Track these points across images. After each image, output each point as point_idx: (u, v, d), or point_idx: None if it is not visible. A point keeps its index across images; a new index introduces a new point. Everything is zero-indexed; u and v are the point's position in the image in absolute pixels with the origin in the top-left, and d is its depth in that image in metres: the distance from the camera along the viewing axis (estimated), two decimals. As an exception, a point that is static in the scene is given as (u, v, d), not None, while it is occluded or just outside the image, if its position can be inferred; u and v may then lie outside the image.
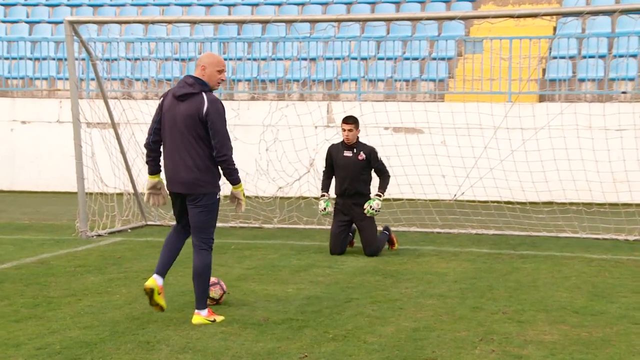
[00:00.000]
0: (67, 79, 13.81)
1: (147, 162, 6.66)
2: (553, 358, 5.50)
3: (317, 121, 14.64)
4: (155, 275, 6.38)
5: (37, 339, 5.88)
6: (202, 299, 6.41)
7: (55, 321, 6.40)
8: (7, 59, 18.01)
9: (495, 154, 12.68)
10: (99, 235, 10.98)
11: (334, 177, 9.80)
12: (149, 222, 12.12)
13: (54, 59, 18.02)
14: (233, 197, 6.58)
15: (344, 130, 9.63)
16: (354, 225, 9.73)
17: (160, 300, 6.35)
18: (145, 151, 6.64)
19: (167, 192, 6.69)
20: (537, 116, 13.52)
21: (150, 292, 6.28)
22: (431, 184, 12.70)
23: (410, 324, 6.37)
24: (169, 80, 16.93)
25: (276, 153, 12.92)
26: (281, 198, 12.68)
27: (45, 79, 17.93)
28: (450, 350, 5.68)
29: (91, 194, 11.52)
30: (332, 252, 9.54)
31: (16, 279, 8.04)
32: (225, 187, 6.62)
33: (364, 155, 9.58)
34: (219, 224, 11.72)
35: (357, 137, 9.72)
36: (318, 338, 5.97)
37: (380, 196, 9.53)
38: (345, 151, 9.64)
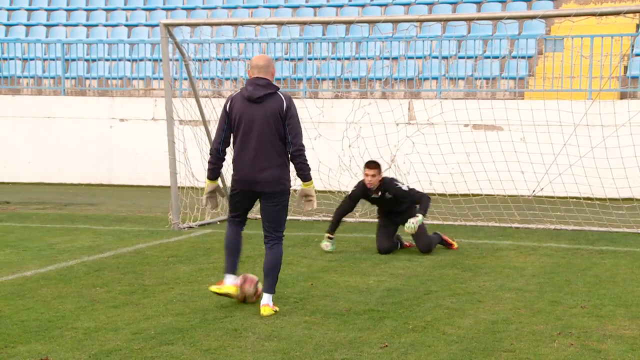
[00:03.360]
0: (161, 78, 14.14)
1: (210, 169, 6.65)
2: (633, 353, 5.35)
3: (398, 119, 14.56)
4: (229, 279, 6.55)
5: (133, 324, 6.03)
6: (272, 288, 6.45)
7: (150, 308, 6.55)
8: (107, 60, 18.49)
9: (574, 151, 12.39)
10: (190, 227, 11.18)
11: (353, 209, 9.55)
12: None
13: (150, 60, 18.41)
14: (304, 195, 6.54)
15: (366, 175, 9.07)
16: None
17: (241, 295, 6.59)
18: (209, 156, 6.64)
19: (222, 195, 6.80)
20: (618, 113, 13.15)
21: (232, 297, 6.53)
22: (510, 180, 12.50)
23: (488, 317, 6.29)
24: (257, 79, 17.05)
25: (359, 149, 12.91)
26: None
27: (142, 79, 18.33)
28: (528, 343, 5.59)
29: (183, 188, 11.73)
30: (380, 251, 9.14)
31: (114, 267, 8.26)
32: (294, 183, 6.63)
33: (390, 195, 9.12)
34: (303, 217, 11.86)
35: (380, 179, 9.11)
36: (398, 329, 5.95)
37: (418, 216, 8.94)
38: (371, 193, 9.18)
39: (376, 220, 9.64)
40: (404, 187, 9.14)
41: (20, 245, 9.52)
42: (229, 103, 6.46)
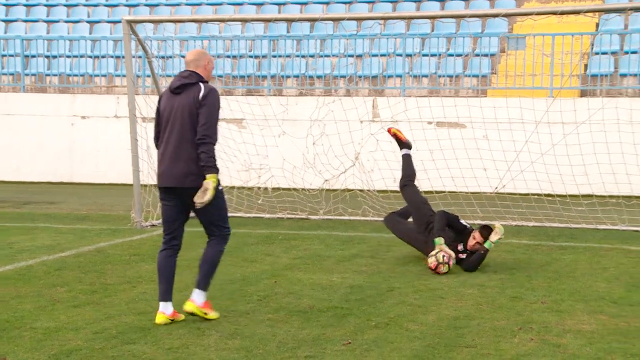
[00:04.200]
0: (124, 75, 14.00)
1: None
2: (591, 347, 5.44)
3: (362, 116, 14.59)
4: (162, 305, 6.02)
5: (95, 324, 5.98)
6: (204, 284, 6.03)
7: (112, 307, 6.50)
8: (68, 56, 18.29)
9: (536, 148, 12.54)
10: (153, 226, 11.11)
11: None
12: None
13: (112, 57, 18.25)
14: (204, 189, 5.86)
15: (474, 237, 8.15)
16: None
17: (179, 318, 6.04)
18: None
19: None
20: (578, 111, 13.32)
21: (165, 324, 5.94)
22: (473, 176, 12.61)
23: (450, 313, 6.34)
24: (220, 76, 17.04)
25: (323, 147, 12.94)
26: (327, 190, 12.70)
27: (104, 75, 18.17)
28: (489, 338, 5.65)
29: (146, 185, 11.65)
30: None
31: (75, 266, 8.18)
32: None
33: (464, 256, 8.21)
34: (267, 215, 11.86)
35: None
36: (361, 325, 5.98)
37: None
38: (460, 254, 8.14)
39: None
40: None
41: (-21, 245, 9.39)
42: (160, 98, 6.25)
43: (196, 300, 6.02)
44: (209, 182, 5.88)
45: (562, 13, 10.87)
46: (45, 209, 12.94)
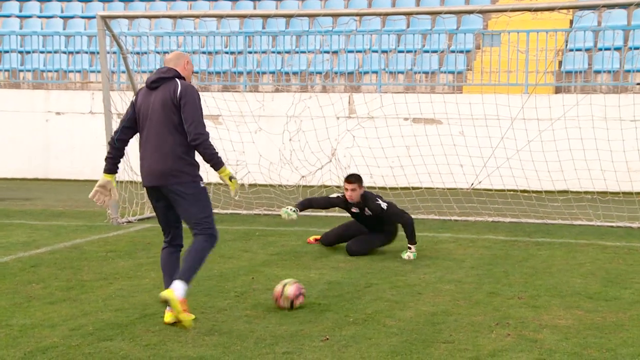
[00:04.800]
0: (99, 71, 13.90)
1: (105, 159, 6.08)
2: (567, 342, 5.47)
3: (339, 112, 14.62)
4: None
5: (71, 320, 5.93)
6: (186, 276, 5.71)
7: (88, 303, 6.45)
8: (42, 52, 18.12)
9: (512, 144, 12.61)
10: (129, 222, 11.05)
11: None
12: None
13: (86, 53, 18.11)
14: (224, 184, 5.95)
15: (346, 189, 8.62)
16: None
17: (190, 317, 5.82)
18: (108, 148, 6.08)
19: (116, 195, 6.28)
20: (553, 107, 13.42)
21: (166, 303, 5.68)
22: (449, 173, 12.67)
23: (428, 309, 6.35)
24: (196, 72, 16.96)
25: (299, 143, 12.93)
26: (304, 186, 12.69)
27: (79, 71, 18.03)
28: (467, 334, 5.67)
29: (122, 182, 11.58)
30: (323, 242, 9.11)
31: (51, 263, 8.11)
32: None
33: (370, 212, 8.68)
34: (244, 212, 11.83)
35: (362, 194, 8.66)
36: (339, 321, 5.97)
37: (410, 248, 8.49)
38: (352, 207, 8.78)
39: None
40: (383, 205, 8.55)
41: (-47, 242, 9.28)
42: (135, 95, 6.06)
43: (175, 290, 5.60)
44: (223, 176, 5.86)
45: (537, 10, 10.92)
46: (20, 206, 12.81)
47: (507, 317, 6.09)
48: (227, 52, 17.56)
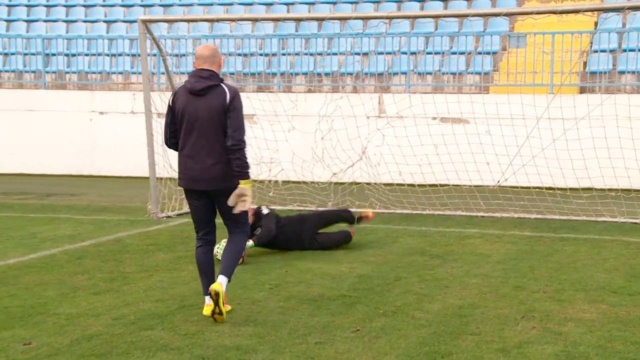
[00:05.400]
0: (140, 73, 13.97)
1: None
2: (592, 335, 5.42)
3: (369, 112, 14.58)
4: (208, 299, 5.82)
5: (114, 310, 5.99)
6: (228, 271, 5.80)
7: (130, 294, 6.51)
8: (87, 55, 18.29)
9: (537, 143, 12.49)
10: (169, 217, 11.12)
11: None
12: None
13: (128, 55, 18.25)
14: (239, 194, 5.70)
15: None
16: None
17: (227, 309, 5.88)
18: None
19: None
20: (578, 107, 13.26)
21: (216, 297, 5.61)
22: (476, 170, 12.58)
23: (455, 302, 6.32)
24: (231, 73, 17.02)
25: (331, 141, 12.92)
26: (335, 183, 12.68)
27: (121, 73, 18.17)
28: (493, 326, 5.63)
29: (161, 178, 11.66)
30: None
31: (95, 255, 8.20)
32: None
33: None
34: (277, 207, 11.85)
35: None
36: (369, 313, 5.97)
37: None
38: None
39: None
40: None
41: (4, 234, 9.41)
42: (172, 97, 5.85)
43: (223, 283, 5.71)
44: (246, 187, 5.71)
45: (562, 12, 10.81)
46: (67, 201, 12.96)
47: (533, 310, 6.04)
48: (261, 54, 17.60)
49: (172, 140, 5.91)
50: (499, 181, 12.54)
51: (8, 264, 7.72)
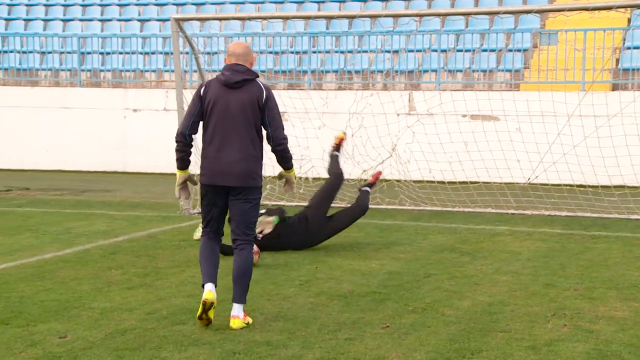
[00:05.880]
0: (172, 71, 14.08)
1: (179, 157, 5.69)
2: (624, 333, 5.34)
3: (399, 109, 14.52)
4: (210, 286, 5.50)
5: (147, 305, 6.03)
6: (244, 297, 5.57)
7: (162, 289, 6.55)
8: (121, 53, 18.46)
9: (568, 140, 12.35)
10: (200, 213, 11.15)
11: None
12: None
13: (161, 53, 18.37)
14: (285, 180, 5.88)
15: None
16: None
17: (212, 314, 5.48)
18: (176, 143, 5.63)
19: (194, 183, 5.90)
20: (610, 104, 13.09)
21: (209, 306, 5.40)
22: (506, 168, 12.47)
23: (485, 299, 6.28)
24: (263, 71, 17.05)
25: (361, 139, 12.89)
26: (365, 180, 12.64)
27: (154, 71, 18.30)
28: (523, 323, 5.58)
29: (193, 175, 11.68)
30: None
31: (128, 250, 8.27)
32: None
33: None
34: (306, 204, 11.82)
35: None
36: (399, 310, 5.95)
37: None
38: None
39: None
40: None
41: (40, 230, 9.54)
42: (203, 88, 5.59)
43: (239, 314, 5.50)
44: (291, 176, 5.86)
45: (594, 9, 10.67)
46: (101, 197, 13.10)
47: (563, 308, 5.98)
48: (292, 52, 17.61)
49: (190, 131, 5.57)
50: (529, 178, 12.43)
51: (44, 258, 7.82)
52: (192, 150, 5.70)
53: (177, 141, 5.64)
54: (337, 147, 9.17)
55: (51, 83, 18.72)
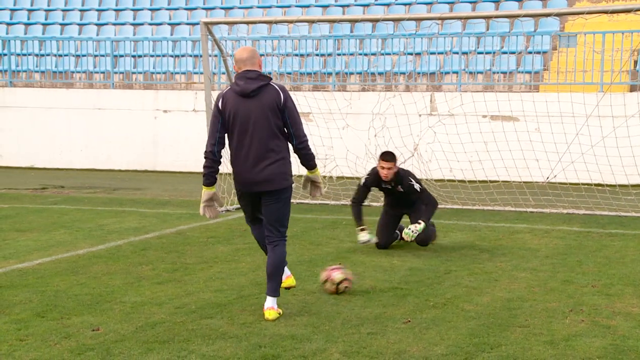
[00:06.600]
0: (202, 73, 14.13)
1: (206, 173, 5.61)
2: (640, 330, 5.29)
3: (421, 110, 14.46)
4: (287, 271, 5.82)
5: (176, 299, 6.07)
6: (278, 291, 5.69)
7: (191, 284, 6.59)
8: (152, 56, 18.57)
9: (586, 140, 12.23)
10: (228, 211, 11.21)
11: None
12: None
13: (191, 56, 18.46)
14: (311, 181, 5.79)
15: (382, 167, 8.06)
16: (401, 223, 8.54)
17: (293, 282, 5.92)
18: (204, 160, 5.59)
19: (222, 202, 5.95)
20: (628, 105, 12.95)
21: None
22: (525, 167, 12.39)
23: (504, 295, 6.24)
24: (289, 73, 17.08)
25: (384, 139, 12.85)
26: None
27: (184, 73, 18.39)
28: (542, 319, 5.54)
29: (221, 174, 11.69)
30: (378, 246, 8.31)
31: (158, 247, 8.32)
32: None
33: (402, 189, 8.19)
34: (332, 202, 11.87)
35: (396, 171, 8.15)
36: (420, 305, 5.93)
37: (420, 223, 7.98)
38: (383, 183, 8.26)
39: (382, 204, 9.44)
40: (416, 186, 8.09)
41: (74, 226, 9.63)
42: (220, 101, 5.55)
43: (274, 306, 5.61)
44: (316, 176, 5.77)
45: (613, 12, 10.59)
46: (132, 195, 13.19)
47: (581, 304, 5.93)
48: (317, 55, 17.62)
49: (219, 147, 5.56)
50: (548, 177, 12.33)
51: (78, 254, 7.90)
52: (219, 166, 5.66)
53: (205, 157, 5.60)
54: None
55: (85, 85, 18.89)
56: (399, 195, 8.31)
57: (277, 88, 5.56)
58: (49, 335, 5.17)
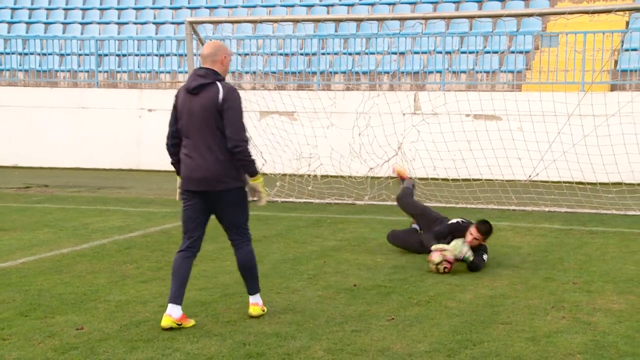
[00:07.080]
0: (186, 72, 14.09)
1: (172, 163, 5.66)
2: (621, 325, 5.33)
3: (404, 109, 14.50)
4: (170, 307, 5.28)
5: (160, 298, 6.05)
6: (256, 287, 5.59)
7: (176, 282, 6.55)
8: (137, 55, 18.49)
9: (568, 139, 12.31)
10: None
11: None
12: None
13: (176, 55, 18.40)
14: (252, 190, 5.47)
15: (475, 238, 7.20)
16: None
17: (188, 324, 5.33)
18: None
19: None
20: (608, 104, 13.04)
21: (170, 329, 5.23)
22: (508, 165, 12.45)
23: (487, 292, 6.27)
24: (273, 72, 17.06)
25: (368, 137, 12.89)
26: (372, 178, 12.65)
27: (169, 72, 18.33)
28: (524, 316, 5.57)
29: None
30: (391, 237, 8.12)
31: (143, 245, 8.29)
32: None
33: (466, 256, 7.09)
34: (316, 200, 11.86)
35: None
36: (404, 303, 5.95)
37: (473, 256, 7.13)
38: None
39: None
40: (485, 257, 7.22)
41: (57, 225, 9.57)
42: (175, 95, 5.54)
43: (258, 302, 5.57)
44: (257, 184, 5.43)
45: (594, 12, 10.65)
46: (116, 194, 13.13)
47: (562, 301, 5.97)
48: (302, 54, 17.61)
49: (172, 140, 5.53)
50: (530, 176, 12.40)
51: (62, 253, 7.85)
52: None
53: (167, 150, 5.64)
54: (402, 179, 8.69)
55: (70, 84, 18.78)
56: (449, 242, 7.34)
57: (220, 87, 5.31)
58: (33, 334, 5.14)
